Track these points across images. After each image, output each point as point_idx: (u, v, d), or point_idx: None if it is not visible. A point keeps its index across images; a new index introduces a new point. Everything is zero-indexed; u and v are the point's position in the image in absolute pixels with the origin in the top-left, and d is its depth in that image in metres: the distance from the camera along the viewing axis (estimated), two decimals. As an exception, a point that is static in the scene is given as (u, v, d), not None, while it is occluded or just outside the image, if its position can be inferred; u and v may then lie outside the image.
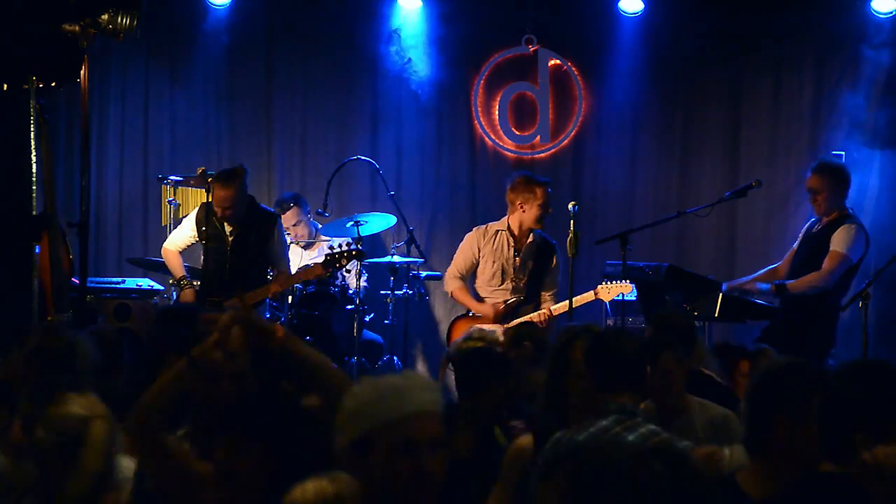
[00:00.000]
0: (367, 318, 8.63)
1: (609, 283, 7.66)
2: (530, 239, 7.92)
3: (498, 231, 7.97)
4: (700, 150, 9.80)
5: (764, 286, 7.50)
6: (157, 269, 8.83)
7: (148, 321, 7.88)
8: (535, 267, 7.91)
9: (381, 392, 2.69)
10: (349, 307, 8.38)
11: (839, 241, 7.35)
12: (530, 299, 7.91)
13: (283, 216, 8.57)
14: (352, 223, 8.37)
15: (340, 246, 7.84)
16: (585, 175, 9.86)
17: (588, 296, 7.70)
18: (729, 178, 9.49)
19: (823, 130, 9.46)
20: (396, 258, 8.67)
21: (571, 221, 7.17)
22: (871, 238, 7.72)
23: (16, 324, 6.41)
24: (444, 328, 8.97)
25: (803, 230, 7.72)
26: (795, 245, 7.74)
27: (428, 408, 2.70)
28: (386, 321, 8.75)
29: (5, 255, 6.74)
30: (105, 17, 6.45)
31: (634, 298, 8.07)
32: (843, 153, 9.13)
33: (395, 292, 8.64)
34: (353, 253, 7.82)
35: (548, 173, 9.80)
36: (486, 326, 7.30)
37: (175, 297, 8.00)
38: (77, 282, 6.99)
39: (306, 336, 8.01)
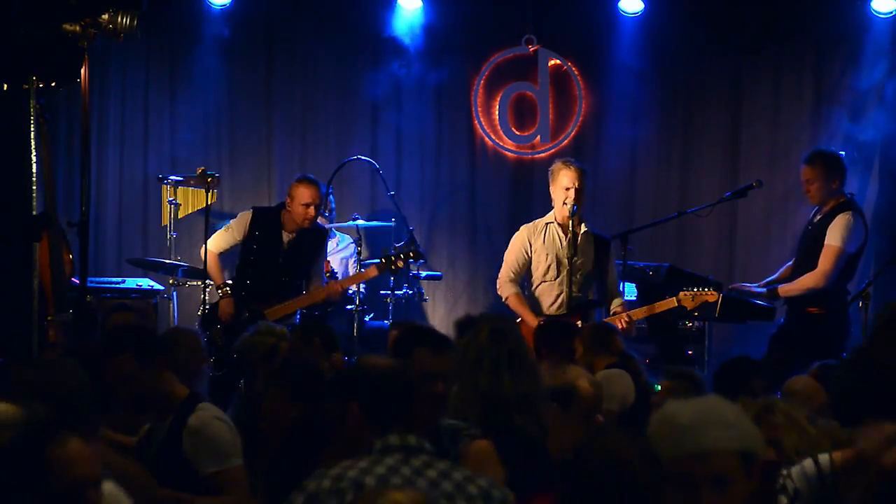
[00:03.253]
0: (366, 318, 8.62)
1: (691, 289, 7.25)
2: (582, 229, 7.35)
3: (547, 224, 7.47)
4: (700, 150, 9.80)
5: (760, 289, 7.46)
6: (157, 269, 8.83)
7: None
8: (591, 260, 7.39)
9: (670, 428, 2.69)
10: (349, 307, 8.38)
11: (835, 234, 7.18)
12: (597, 297, 7.42)
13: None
14: (352, 223, 8.37)
15: (395, 248, 7.76)
16: (585, 175, 9.83)
17: (670, 302, 7.28)
18: (729, 178, 9.49)
19: (823, 131, 9.46)
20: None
21: (570, 222, 7.19)
22: (870, 239, 7.69)
23: (16, 324, 6.41)
24: (443, 328, 8.96)
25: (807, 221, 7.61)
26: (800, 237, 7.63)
27: (712, 447, 2.65)
28: (386, 321, 8.74)
29: (5, 255, 6.73)
30: (105, 17, 6.44)
31: (634, 298, 8.08)
32: (843, 153, 9.12)
33: (395, 292, 8.64)
34: (411, 255, 7.70)
35: (548, 174, 9.82)
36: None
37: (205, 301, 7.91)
38: (77, 282, 6.99)
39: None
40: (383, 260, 7.65)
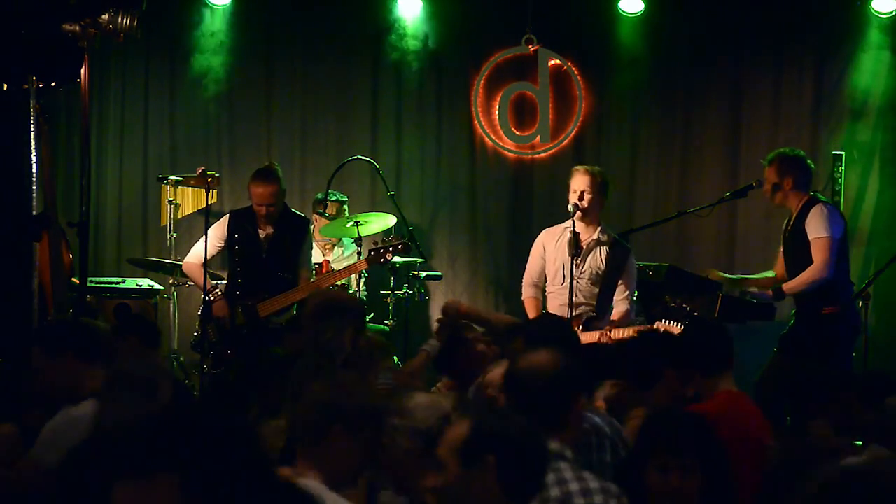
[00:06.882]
0: (366, 318, 8.61)
1: (666, 321, 6.87)
2: (593, 236, 7.29)
3: (565, 229, 7.31)
4: (700, 150, 9.79)
5: (762, 294, 7.41)
6: (157, 269, 8.83)
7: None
8: (602, 270, 7.23)
9: None
10: (349, 307, 8.36)
11: (815, 226, 7.13)
12: (600, 310, 7.21)
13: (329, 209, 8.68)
14: (352, 223, 8.37)
15: (384, 241, 7.75)
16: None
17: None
18: (729, 178, 9.48)
19: (823, 130, 9.46)
20: (396, 258, 8.66)
21: (571, 222, 7.19)
22: (870, 239, 7.68)
23: (16, 324, 6.42)
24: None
25: (782, 229, 7.52)
26: (781, 247, 7.54)
27: None
28: (386, 321, 8.74)
29: (5, 255, 6.74)
30: (105, 17, 6.45)
31: (635, 298, 8.07)
32: (843, 153, 9.13)
33: (395, 292, 8.63)
34: (399, 248, 7.72)
35: (548, 174, 9.83)
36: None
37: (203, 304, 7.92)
38: (77, 282, 7.00)
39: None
40: (372, 253, 7.67)
